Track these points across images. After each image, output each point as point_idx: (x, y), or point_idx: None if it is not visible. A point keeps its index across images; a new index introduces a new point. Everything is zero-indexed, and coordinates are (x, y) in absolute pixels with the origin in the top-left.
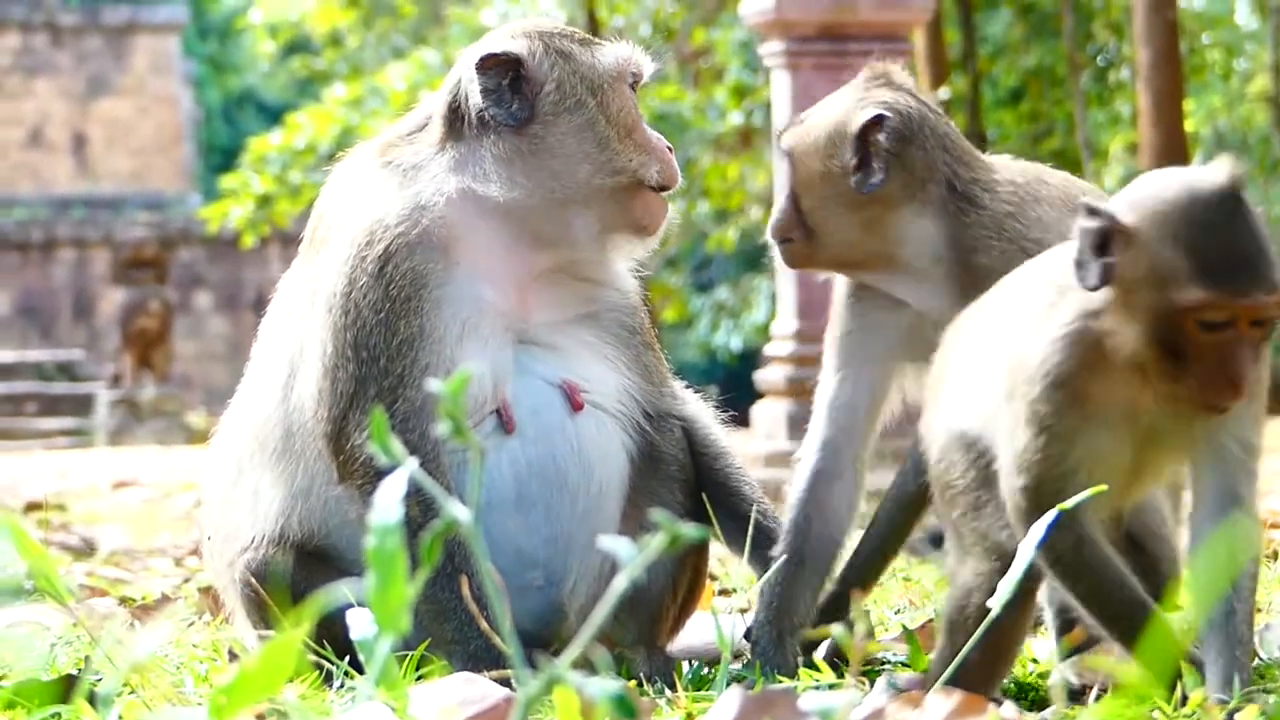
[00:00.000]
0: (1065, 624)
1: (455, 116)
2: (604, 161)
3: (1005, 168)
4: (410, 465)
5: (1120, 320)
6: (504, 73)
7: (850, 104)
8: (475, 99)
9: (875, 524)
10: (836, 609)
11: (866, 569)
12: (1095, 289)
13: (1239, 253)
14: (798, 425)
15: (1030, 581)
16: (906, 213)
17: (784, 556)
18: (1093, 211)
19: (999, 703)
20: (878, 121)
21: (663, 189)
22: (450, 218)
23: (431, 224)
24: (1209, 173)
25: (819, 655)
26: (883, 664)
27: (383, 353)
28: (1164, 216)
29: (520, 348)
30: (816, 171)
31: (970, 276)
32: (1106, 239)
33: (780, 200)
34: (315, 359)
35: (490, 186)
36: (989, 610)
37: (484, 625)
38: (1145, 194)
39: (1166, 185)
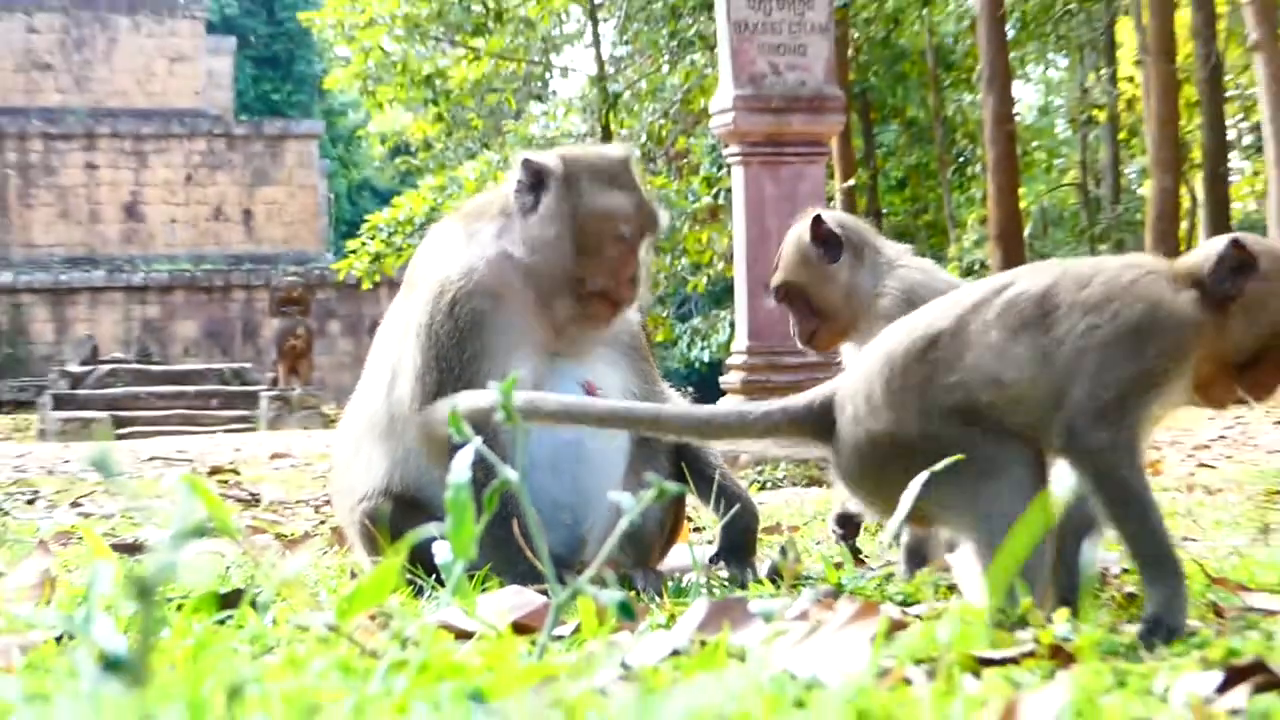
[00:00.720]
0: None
1: (506, 200)
2: (565, 267)
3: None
4: (476, 441)
5: (1235, 325)
6: (531, 175)
7: (797, 229)
8: (512, 187)
9: None
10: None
11: None
12: (1228, 300)
13: None
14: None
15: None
16: (859, 271)
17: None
18: (1238, 245)
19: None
20: (818, 219)
21: (613, 302)
22: (495, 272)
23: (482, 277)
24: None
25: (762, 573)
26: (808, 579)
27: (455, 364)
28: None
29: (553, 359)
30: (804, 276)
31: (873, 317)
32: (1240, 269)
33: (797, 321)
34: (409, 369)
35: (517, 250)
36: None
37: (528, 553)
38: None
39: None
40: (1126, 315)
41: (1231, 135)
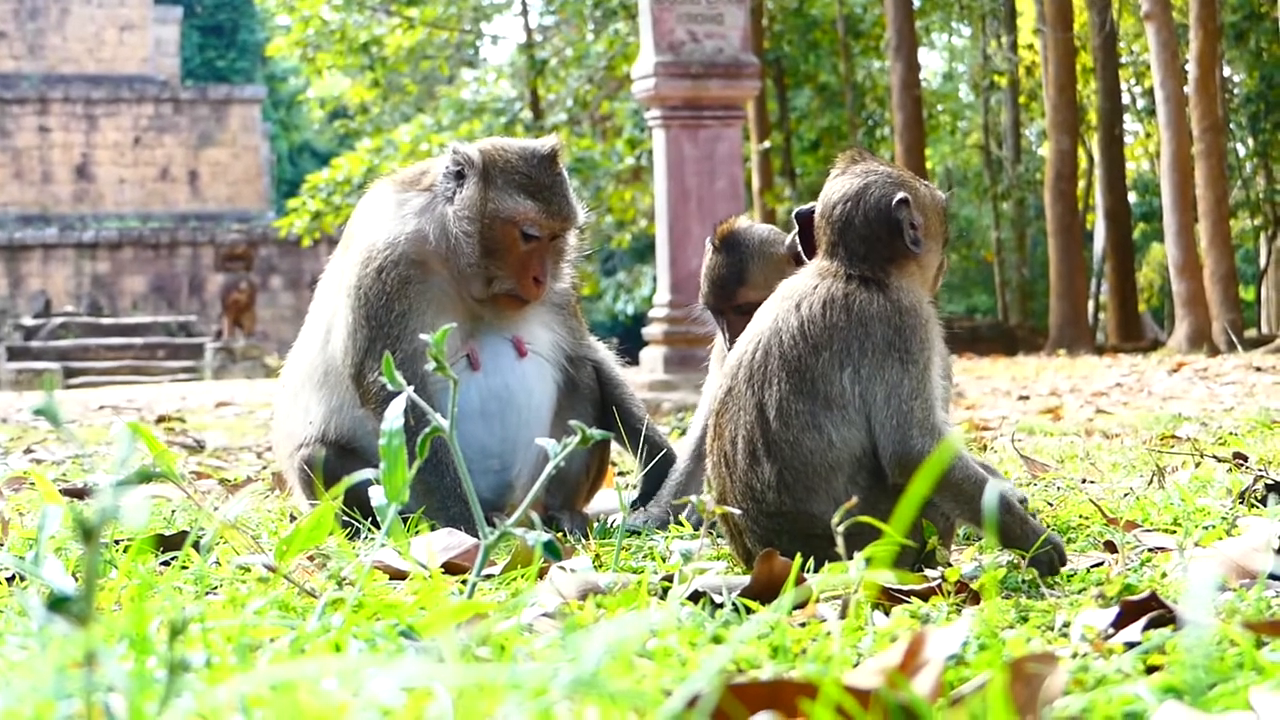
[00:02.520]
0: None
1: (436, 176)
2: (471, 263)
3: None
4: (408, 391)
5: (929, 259)
6: (456, 163)
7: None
8: (439, 171)
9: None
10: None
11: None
12: (913, 252)
13: None
14: (670, 363)
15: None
16: None
17: (687, 464)
18: (904, 202)
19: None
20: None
21: (518, 299)
22: (415, 247)
23: (405, 250)
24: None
25: (684, 516)
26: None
27: (385, 321)
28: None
29: (483, 315)
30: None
31: None
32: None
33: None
34: (342, 325)
35: (435, 233)
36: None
37: (459, 497)
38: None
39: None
40: (875, 340)
41: (1125, 99)
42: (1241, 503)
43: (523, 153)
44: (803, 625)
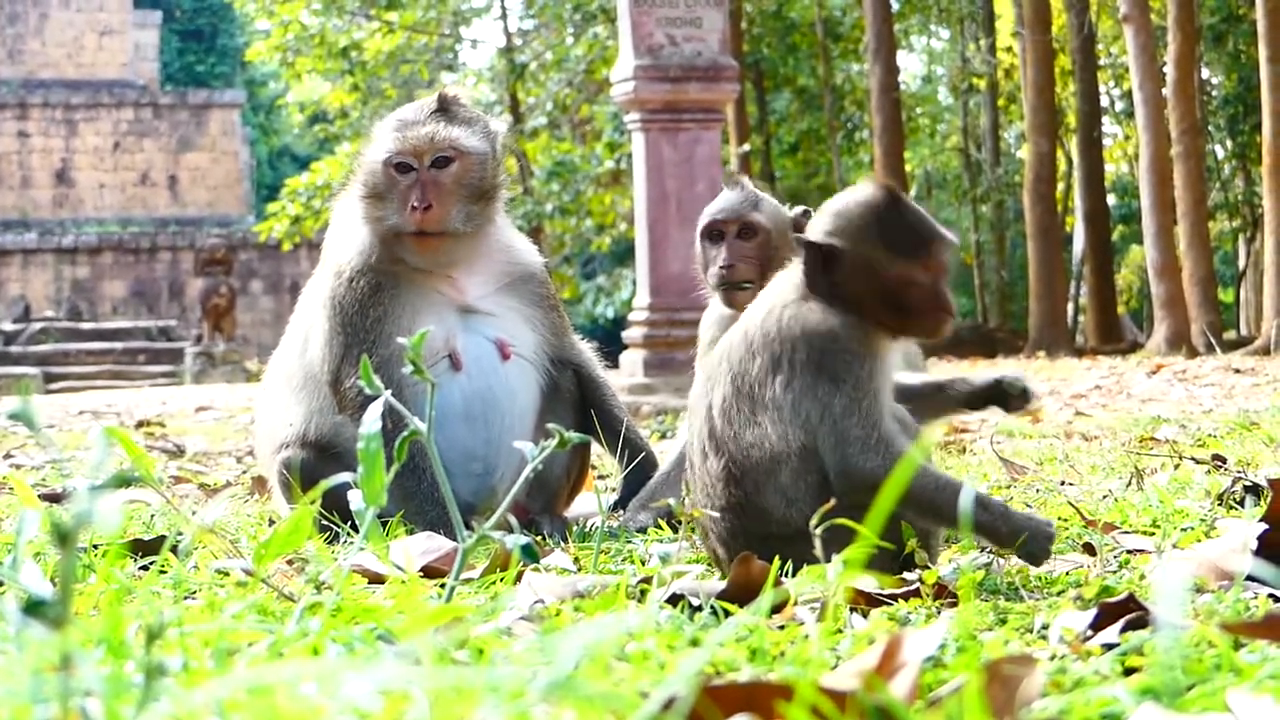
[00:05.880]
0: None
1: None
2: (370, 217)
3: None
4: (385, 394)
5: (867, 301)
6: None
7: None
8: None
9: None
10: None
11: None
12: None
13: None
14: (650, 366)
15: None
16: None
17: (668, 469)
18: (811, 245)
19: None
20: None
21: (418, 235)
22: (381, 250)
23: (372, 259)
24: None
25: (660, 518)
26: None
27: (360, 328)
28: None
29: (465, 315)
30: (780, 240)
31: None
32: (826, 260)
33: (738, 259)
34: (319, 332)
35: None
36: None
37: (437, 500)
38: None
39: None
40: (800, 358)
41: (1104, 102)
42: (1220, 504)
43: (403, 109)
44: (781, 628)
